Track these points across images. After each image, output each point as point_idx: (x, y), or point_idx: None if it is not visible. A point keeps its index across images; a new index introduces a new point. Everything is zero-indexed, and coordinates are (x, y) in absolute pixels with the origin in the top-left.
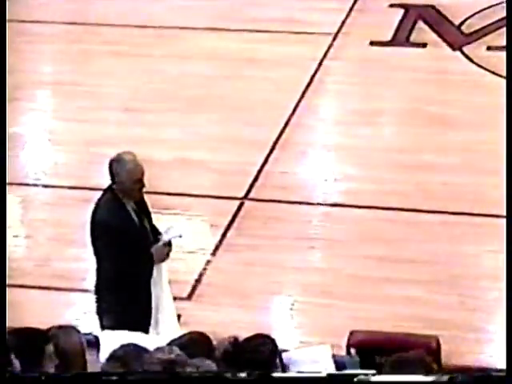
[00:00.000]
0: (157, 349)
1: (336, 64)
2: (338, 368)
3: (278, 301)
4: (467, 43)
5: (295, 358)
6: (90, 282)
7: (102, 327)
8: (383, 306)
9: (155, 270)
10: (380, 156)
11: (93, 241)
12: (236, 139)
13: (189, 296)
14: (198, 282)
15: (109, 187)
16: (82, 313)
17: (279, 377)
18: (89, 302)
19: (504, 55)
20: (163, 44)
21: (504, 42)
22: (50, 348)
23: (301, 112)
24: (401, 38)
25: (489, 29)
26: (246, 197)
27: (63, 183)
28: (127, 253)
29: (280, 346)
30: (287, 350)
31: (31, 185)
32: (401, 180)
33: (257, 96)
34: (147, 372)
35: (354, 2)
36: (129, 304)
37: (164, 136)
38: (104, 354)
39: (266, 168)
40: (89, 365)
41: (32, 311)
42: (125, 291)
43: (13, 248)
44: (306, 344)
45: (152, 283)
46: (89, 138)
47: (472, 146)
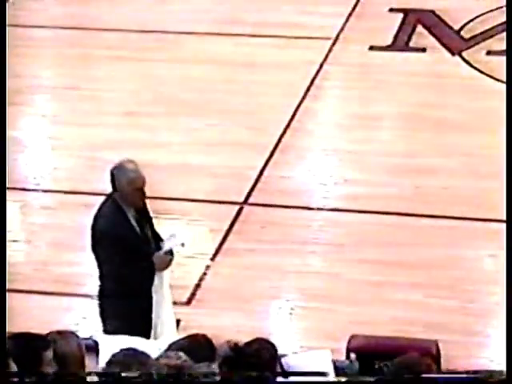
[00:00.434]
0: (163, 355)
1: (335, 68)
2: (338, 373)
3: (278, 305)
4: (467, 48)
5: (295, 363)
6: (90, 287)
7: (105, 332)
8: (383, 311)
9: (156, 278)
10: (379, 160)
11: (93, 248)
12: (235, 143)
13: (188, 301)
14: (198, 287)
15: (110, 195)
16: (82, 317)
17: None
18: (88, 307)
19: (504, 60)
20: (163, 48)
21: (504, 47)
22: (50, 354)
23: (300, 116)
24: (400, 43)
25: (488, 33)
26: (246, 201)
27: (63, 188)
28: (128, 261)
29: (280, 351)
30: (287, 355)
31: (31, 189)
32: (400, 184)
33: (257, 100)
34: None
35: (354, 7)
36: (130, 311)
37: (164, 140)
38: (103, 359)
39: (266, 172)
40: (88, 370)
41: (31, 316)
42: (125, 298)
43: (12, 252)
44: (306, 348)
45: (153, 290)
46: (89, 143)
47: (472, 151)
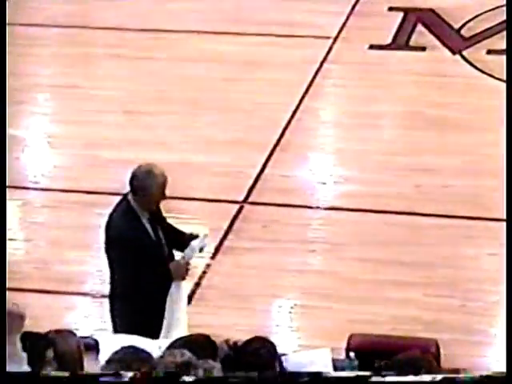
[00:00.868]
0: (166, 353)
1: (336, 67)
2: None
3: (278, 304)
4: (467, 47)
5: (294, 362)
6: (90, 286)
7: (116, 331)
8: (383, 309)
9: (173, 285)
10: (380, 159)
11: (106, 250)
12: (235, 142)
13: (189, 299)
14: (198, 286)
15: (124, 198)
16: (82, 316)
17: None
18: (88, 306)
19: (504, 59)
20: (163, 47)
21: (504, 46)
22: (51, 353)
23: (300, 115)
24: (400, 42)
25: (489, 32)
26: (246, 200)
27: (63, 186)
28: (142, 266)
29: (279, 350)
30: (286, 354)
31: (30, 188)
32: (401, 183)
33: (257, 99)
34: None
35: (354, 6)
36: (141, 316)
37: (163, 139)
38: (103, 357)
39: (266, 171)
40: (88, 368)
41: (31, 315)
42: (138, 303)
43: (12, 251)
44: (306, 347)
45: (168, 297)
46: (88, 141)
47: (472, 149)
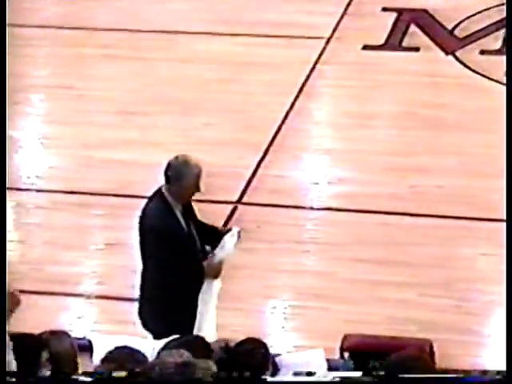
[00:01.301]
0: (163, 353)
1: (329, 68)
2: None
3: (273, 304)
4: (460, 47)
5: (289, 362)
6: (85, 287)
7: (147, 329)
8: (377, 310)
9: (206, 283)
10: (374, 159)
11: (141, 244)
12: (230, 142)
13: None
14: None
15: (158, 190)
16: (76, 317)
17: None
18: (83, 307)
19: (497, 59)
20: (159, 48)
21: (497, 46)
22: (46, 354)
23: (294, 115)
24: (393, 42)
25: (482, 33)
26: (240, 201)
27: (57, 187)
28: (175, 256)
29: (274, 350)
30: (281, 354)
31: (25, 189)
32: (395, 183)
33: (251, 99)
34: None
35: (347, 6)
36: (172, 308)
37: (159, 139)
38: (97, 358)
39: (260, 172)
40: (82, 369)
41: (25, 316)
42: (170, 295)
43: (7, 252)
44: (300, 348)
45: (200, 297)
46: (84, 142)
47: (467, 149)
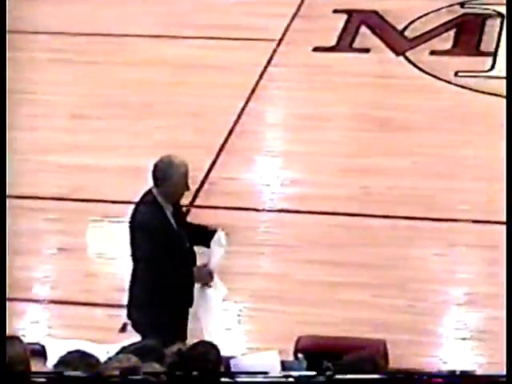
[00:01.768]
0: (113, 357)
1: (280, 70)
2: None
3: (227, 307)
4: (410, 48)
5: (243, 364)
6: (37, 292)
7: (137, 331)
8: (331, 311)
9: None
10: (326, 161)
11: (132, 246)
12: (182, 145)
13: None
14: None
15: (148, 191)
16: (29, 322)
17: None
18: (35, 312)
19: (447, 59)
20: (109, 51)
21: (447, 47)
22: None
23: (246, 118)
24: (344, 44)
25: (432, 33)
26: (192, 203)
27: (10, 192)
28: (166, 258)
29: (229, 353)
30: (236, 357)
31: None
32: (347, 184)
33: (203, 102)
34: None
35: (298, 8)
36: (162, 312)
37: (112, 143)
38: (51, 363)
39: (212, 174)
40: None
41: None
42: (160, 295)
43: None
44: (255, 350)
45: (200, 308)
46: (35, 146)
47: (418, 150)
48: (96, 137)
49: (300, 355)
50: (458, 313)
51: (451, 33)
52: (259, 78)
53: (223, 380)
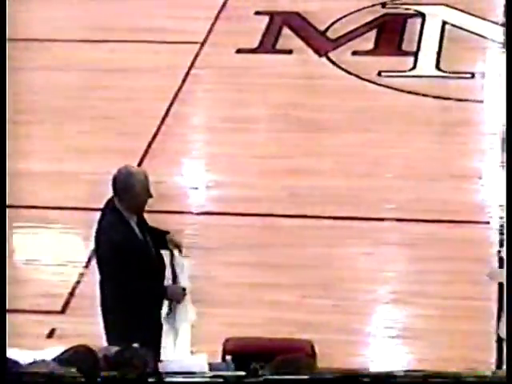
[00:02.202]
0: (32, 363)
1: (204, 72)
2: (214, 375)
3: None
4: (333, 49)
5: (171, 368)
6: None
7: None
8: (259, 312)
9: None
10: (250, 162)
11: (98, 260)
12: (107, 149)
13: (62, 309)
14: (72, 295)
15: (111, 206)
16: None
17: None
18: None
19: (370, 59)
20: (31, 56)
21: (369, 47)
22: None
23: (171, 120)
24: (267, 45)
25: (354, 34)
26: None
27: None
28: (134, 273)
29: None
30: (163, 360)
31: None
32: (273, 186)
33: (127, 106)
34: None
35: (220, 10)
36: (134, 324)
37: (35, 148)
38: None
39: None
40: None
41: None
42: (130, 311)
43: None
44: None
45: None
46: None
47: (343, 150)
48: (17, 142)
49: (228, 357)
50: (385, 311)
51: (373, 33)
52: (183, 81)
53: (150, 380)
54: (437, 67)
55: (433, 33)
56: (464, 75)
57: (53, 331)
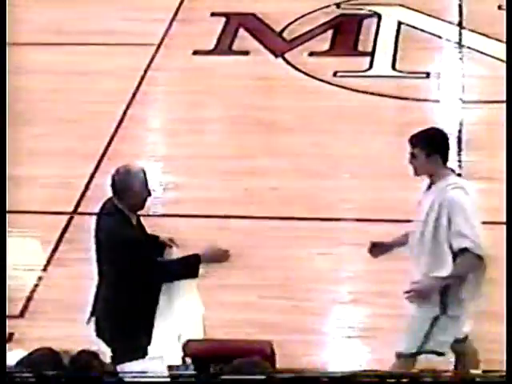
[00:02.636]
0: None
1: (160, 74)
2: (173, 378)
3: None
4: (289, 49)
5: (130, 370)
6: None
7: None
8: (218, 314)
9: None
10: (208, 164)
11: (99, 260)
12: (63, 153)
13: (21, 313)
14: (31, 299)
15: (111, 206)
16: None
17: None
18: None
19: (326, 60)
20: None
21: (325, 47)
22: None
23: (127, 123)
24: (223, 47)
25: (309, 35)
26: (76, 211)
27: None
28: (140, 269)
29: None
30: (121, 363)
31: None
32: (230, 187)
33: (83, 108)
34: None
35: (176, 12)
36: (134, 326)
37: None
38: None
39: (95, 181)
40: None
41: None
42: (132, 309)
43: None
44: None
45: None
46: None
47: (300, 151)
48: None
49: (188, 359)
50: (344, 311)
51: (329, 34)
52: (139, 83)
53: (108, 380)
54: (393, 67)
55: (388, 33)
56: (420, 75)
57: (11, 335)
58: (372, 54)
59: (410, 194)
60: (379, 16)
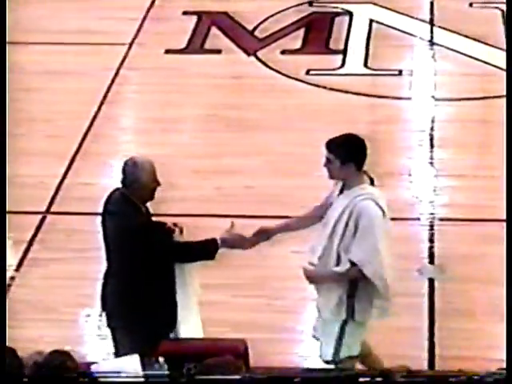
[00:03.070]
0: None
1: (132, 73)
2: (147, 378)
3: (86, 313)
4: (261, 48)
5: (104, 369)
6: None
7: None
8: None
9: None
10: (180, 163)
11: (108, 250)
12: (35, 152)
13: None
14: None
15: (120, 196)
16: None
17: None
18: None
19: (298, 58)
20: None
21: (297, 45)
22: None
23: (99, 122)
24: (195, 45)
25: (282, 33)
26: (48, 210)
27: None
28: (151, 254)
29: (90, 358)
30: (96, 362)
31: None
32: (202, 186)
33: (55, 108)
34: None
35: (148, 11)
36: (150, 315)
37: None
38: None
39: (67, 180)
40: None
41: None
42: (146, 296)
43: None
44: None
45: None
46: None
47: (271, 149)
48: None
49: (161, 359)
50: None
51: (301, 32)
52: (111, 82)
53: (82, 380)
54: (365, 65)
55: (360, 31)
56: (392, 73)
57: None
58: (344, 52)
59: (383, 192)
60: (351, 14)
